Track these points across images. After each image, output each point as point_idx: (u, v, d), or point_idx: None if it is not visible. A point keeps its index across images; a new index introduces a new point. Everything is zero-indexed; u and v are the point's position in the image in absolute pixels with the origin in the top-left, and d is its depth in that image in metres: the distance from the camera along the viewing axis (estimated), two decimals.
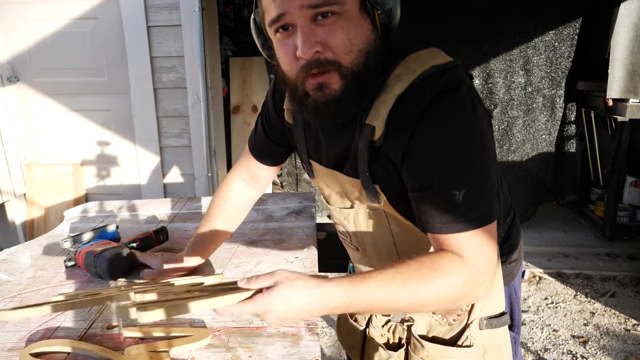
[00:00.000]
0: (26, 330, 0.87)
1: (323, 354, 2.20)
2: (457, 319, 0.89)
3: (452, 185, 0.69)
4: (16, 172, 2.89)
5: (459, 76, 0.72)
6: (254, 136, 1.07)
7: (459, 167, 0.69)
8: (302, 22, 0.68)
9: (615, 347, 2.18)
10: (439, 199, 0.70)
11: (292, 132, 0.94)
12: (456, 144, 0.69)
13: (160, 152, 2.80)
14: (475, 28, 3.09)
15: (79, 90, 2.82)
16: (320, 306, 0.63)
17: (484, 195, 0.70)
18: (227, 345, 0.81)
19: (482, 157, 0.70)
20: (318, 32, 0.68)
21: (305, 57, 0.68)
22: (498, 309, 0.91)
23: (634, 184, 3.25)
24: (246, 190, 1.11)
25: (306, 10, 0.67)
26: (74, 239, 1.19)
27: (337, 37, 0.68)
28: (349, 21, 0.68)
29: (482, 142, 0.70)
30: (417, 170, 0.72)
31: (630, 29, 2.69)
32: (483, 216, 0.70)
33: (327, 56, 0.69)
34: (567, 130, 3.41)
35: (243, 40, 3.95)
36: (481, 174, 0.70)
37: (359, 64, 0.70)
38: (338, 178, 0.86)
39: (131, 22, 2.58)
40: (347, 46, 0.69)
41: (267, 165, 1.07)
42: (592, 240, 3.23)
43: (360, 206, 0.87)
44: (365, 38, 0.71)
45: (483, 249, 0.70)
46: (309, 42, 0.67)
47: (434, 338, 0.91)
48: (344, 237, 1.00)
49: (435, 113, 0.69)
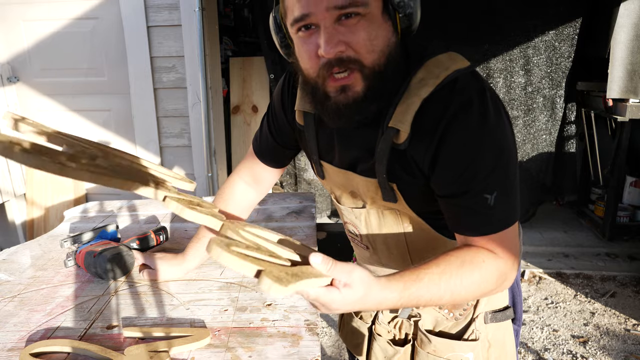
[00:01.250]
0: (26, 330, 0.87)
1: (323, 354, 2.20)
2: (463, 313, 0.90)
3: (485, 190, 0.72)
4: (16, 172, 2.89)
5: (481, 80, 0.75)
6: (259, 137, 1.06)
7: (490, 173, 0.72)
8: (326, 22, 0.68)
9: (615, 347, 2.18)
10: (472, 204, 0.73)
11: (303, 133, 0.94)
12: (486, 150, 0.72)
13: (160, 152, 2.80)
14: (475, 28, 3.08)
15: (79, 90, 2.82)
16: (375, 307, 0.68)
17: (512, 196, 0.74)
18: (227, 345, 0.81)
19: (509, 160, 0.73)
20: (341, 31, 0.69)
21: (328, 56, 0.69)
22: (502, 303, 0.93)
23: (634, 184, 3.25)
24: (248, 193, 1.11)
25: (332, 11, 0.67)
26: (74, 239, 1.19)
27: (359, 36, 0.69)
28: (372, 22, 0.70)
29: (508, 146, 0.73)
30: (450, 177, 0.74)
31: (630, 29, 2.69)
32: (511, 217, 0.74)
33: (350, 54, 0.70)
34: (567, 130, 3.41)
35: (243, 40, 3.95)
36: (509, 176, 0.74)
37: (380, 64, 0.71)
38: (352, 178, 0.87)
39: (131, 22, 2.58)
40: (368, 46, 0.70)
41: (272, 167, 1.07)
42: (592, 240, 3.23)
43: (372, 206, 0.88)
44: (387, 40, 0.72)
45: (510, 246, 0.75)
46: (333, 42, 0.68)
47: (440, 332, 0.93)
48: (353, 237, 1.00)
49: (464, 120, 0.71)
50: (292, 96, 0.93)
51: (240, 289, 1.00)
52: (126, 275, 1.07)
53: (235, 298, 0.96)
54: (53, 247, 1.28)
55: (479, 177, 0.72)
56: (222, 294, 0.98)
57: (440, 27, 3.04)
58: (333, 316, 2.51)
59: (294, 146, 1.02)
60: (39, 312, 0.94)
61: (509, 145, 0.74)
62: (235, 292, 0.99)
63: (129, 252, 1.07)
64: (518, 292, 0.98)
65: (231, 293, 0.99)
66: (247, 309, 0.92)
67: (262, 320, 0.88)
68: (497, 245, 0.74)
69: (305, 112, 0.89)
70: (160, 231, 1.22)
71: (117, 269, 1.04)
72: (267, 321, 0.87)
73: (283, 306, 0.93)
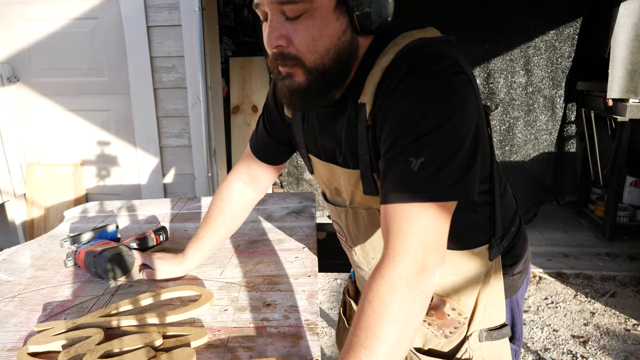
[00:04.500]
0: (26, 330, 0.87)
1: (323, 354, 2.20)
2: (454, 331, 0.86)
3: (411, 152, 0.65)
4: (16, 172, 2.89)
5: (447, 50, 0.69)
6: (256, 135, 1.06)
7: (424, 135, 0.65)
8: (271, 14, 0.70)
9: (615, 347, 2.18)
10: (395, 166, 0.67)
11: (292, 126, 0.94)
12: (430, 110, 0.65)
13: (160, 152, 2.80)
14: (475, 28, 3.09)
15: (79, 90, 2.82)
16: None
17: (444, 172, 0.65)
18: (227, 345, 0.81)
19: (452, 133, 0.65)
20: (285, 27, 0.69)
21: (269, 47, 0.71)
22: (498, 321, 0.88)
23: (634, 184, 3.25)
24: (246, 192, 1.11)
25: (274, 5, 0.68)
26: (74, 239, 1.19)
27: (301, 36, 0.69)
28: (318, 21, 0.68)
29: (455, 119, 0.66)
30: (386, 131, 0.69)
31: (630, 29, 2.69)
32: (434, 194, 0.64)
33: (290, 51, 0.70)
34: (567, 130, 3.41)
35: (243, 40, 3.96)
36: (446, 148, 0.65)
37: (324, 63, 0.71)
38: (334, 171, 0.85)
39: (131, 22, 2.58)
40: (310, 46, 0.70)
41: (268, 164, 1.07)
42: (592, 240, 3.23)
43: (352, 204, 0.86)
44: (335, 39, 0.70)
45: (422, 226, 0.64)
46: (273, 35, 0.70)
47: (430, 351, 0.89)
48: (340, 236, 0.99)
49: (409, 80, 0.67)
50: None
51: (240, 288, 1.00)
52: (126, 275, 1.07)
53: (235, 298, 0.96)
54: (53, 247, 1.28)
55: (411, 135, 0.65)
56: (222, 293, 0.98)
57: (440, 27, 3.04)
58: (333, 316, 2.51)
59: (288, 142, 1.02)
60: (39, 312, 0.93)
61: (459, 120, 0.66)
62: (235, 292, 0.99)
63: (129, 252, 1.07)
64: (518, 311, 0.93)
65: (231, 293, 0.99)
66: (247, 309, 0.92)
67: (262, 320, 0.88)
68: (406, 221, 0.64)
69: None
70: (160, 231, 1.22)
71: (117, 269, 1.04)
72: (267, 321, 0.87)
73: (283, 306, 0.93)
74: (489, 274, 0.85)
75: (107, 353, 0.77)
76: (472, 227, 0.83)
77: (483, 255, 0.85)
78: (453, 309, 0.86)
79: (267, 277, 1.05)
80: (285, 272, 1.07)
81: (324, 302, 2.65)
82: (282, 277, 1.05)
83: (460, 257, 0.84)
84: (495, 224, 0.84)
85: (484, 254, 0.85)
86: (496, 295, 0.86)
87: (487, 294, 0.85)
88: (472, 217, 0.82)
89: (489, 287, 0.85)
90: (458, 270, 0.85)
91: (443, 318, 0.86)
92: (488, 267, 0.85)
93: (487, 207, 0.83)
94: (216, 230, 1.08)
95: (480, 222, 0.84)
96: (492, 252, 0.84)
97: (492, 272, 0.85)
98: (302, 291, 0.98)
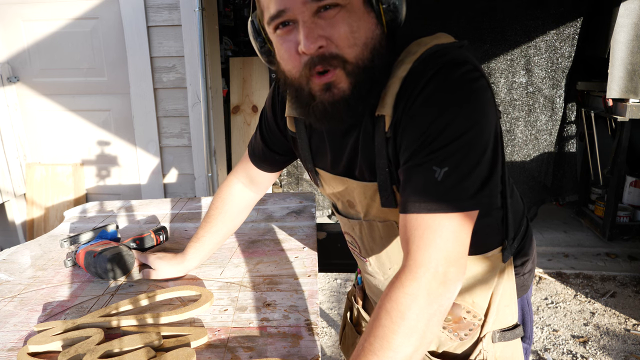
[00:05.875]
0: (26, 330, 0.87)
1: (323, 354, 2.20)
2: (468, 333, 0.86)
3: (435, 161, 0.64)
4: (16, 172, 2.89)
5: (464, 55, 0.68)
6: (253, 143, 1.05)
7: (449, 143, 0.63)
8: (304, 16, 0.65)
9: (615, 347, 2.18)
10: (417, 175, 0.65)
11: (296, 140, 0.91)
12: (447, 120, 0.64)
13: (160, 152, 2.80)
14: (475, 28, 3.09)
15: (79, 90, 2.82)
16: None
17: (467, 180, 0.64)
18: (227, 345, 0.81)
19: (475, 141, 0.64)
20: (320, 25, 0.65)
21: (309, 52, 0.65)
22: (511, 322, 0.88)
23: (634, 184, 3.25)
24: (245, 193, 1.11)
25: (309, 4, 0.64)
26: (74, 239, 1.19)
27: (340, 29, 0.65)
28: (352, 13, 0.66)
29: (478, 126, 0.65)
30: (408, 140, 0.67)
31: (630, 29, 2.69)
32: (459, 204, 0.63)
33: (331, 50, 0.66)
34: (567, 130, 3.41)
35: (243, 40, 3.95)
36: (470, 156, 0.64)
37: (363, 58, 0.67)
38: (348, 185, 0.83)
39: (131, 22, 2.58)
40: (350, 39, 0.66)
41: (266, 171, 1.06)
42: (592, 240, 3.23)
43: (367, 217, 0.84)
44: (370, 32, 0.68)
45: (445, 238, 0.63)
46: (312, 36, 0.64)
47: (444, 354, 0.89)
48: (352, 248, 0.97)
49: (430, 88, 0.65)
50: (282, 103, 0.90)
51: (240, 288, 1.00)
52: (126, 275, 1.07)
53: (235, 298, 0.96)
54: (53, 247, 1.28)
55: (434, 143, 0.64)
56: (222, 293, 0.98)
57: (441, 28, 3.03)
58: (333, 316, 2.51)
59: (287, 153, 1.00)
60: (38, 312, 0.93)
61: (481, 126, 0.65)
62: (235, 292, 0.99)
63: (129, 252, 1.07)
64: (528, 309, 0.93)
65: (231, 293, 0.98)
66: (247, 309, 0.92)
67: (262, 320, 0.88)
68: (427, 233, 0.63)
69: (296, 119, 0.86)
70: (160, 231, 1.22)
71: (117, 269, 1.04)
72: (267, 321, 0.87)
73: (283, 306, 0.93)
74: (502, 275, 0.85)
75: (107, 353, 0.77)
76: (487, 231, 0.83)
77: (497, 257, 0.85)
78: (468, 312, 0.86)
79: (267, 277, 1.05)
80: (286, 272, 1.07)
81: (324, 302, 2.65)
82: (282, 277, 1.05)
83: (474, 261, 0.84)
84: (507, 226, 0.84)
85: (497, 256, 0.84)
86: (509, 295, 0.86)
87: (500, 295, 0.85)
88: (487, 221, 0.81)
89: (502, 288, 0.85)
90: (473, 274, 0.84)
91: (459, 322, 0.86)
92: (501, 269, 0.85)
93: (500, 210, 0.83)
94: (216, 230, 1.08)
95: (494, 225, 0.83)
96: (505, 254, 0.85)
97: (505, 273, 0.86)
98: (302, 291, 0.98)
